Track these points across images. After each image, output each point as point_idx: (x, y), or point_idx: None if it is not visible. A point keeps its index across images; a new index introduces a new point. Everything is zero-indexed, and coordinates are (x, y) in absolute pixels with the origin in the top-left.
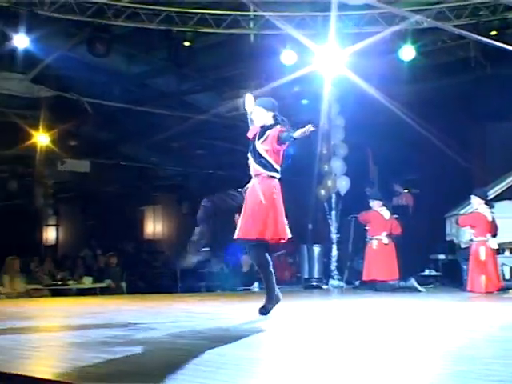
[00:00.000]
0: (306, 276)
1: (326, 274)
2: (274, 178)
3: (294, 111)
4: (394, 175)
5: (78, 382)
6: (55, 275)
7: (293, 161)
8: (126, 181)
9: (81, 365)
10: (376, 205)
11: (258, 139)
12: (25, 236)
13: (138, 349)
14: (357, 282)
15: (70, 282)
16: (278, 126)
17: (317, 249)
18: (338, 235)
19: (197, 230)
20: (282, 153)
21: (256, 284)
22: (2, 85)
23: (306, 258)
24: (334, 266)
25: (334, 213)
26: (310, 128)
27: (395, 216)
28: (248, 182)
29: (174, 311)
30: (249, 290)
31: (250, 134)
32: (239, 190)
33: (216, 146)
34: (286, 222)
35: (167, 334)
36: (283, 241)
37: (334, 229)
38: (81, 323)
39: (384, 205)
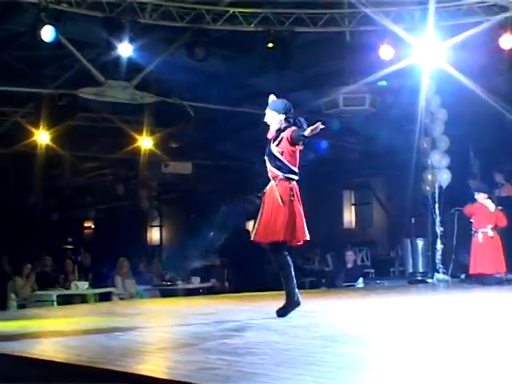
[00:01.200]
0: (411, 270)
1: (431, 268)
2: (292, 179)
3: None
4: (496, 166)
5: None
6: (164, 276)
7: (393, 155)
8: (226, 181)
9: (206, 366)
10: (481, 197)
11: (273, 142)
12: (132, 237)
13: (255, 349)
14: (462, 276)
15: (179, 283)
16: (292, 127)
17: (420, 242)
18: (442, 228)
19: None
20: (298, 154)
21: (361, 280)
22: (107, 92)
23: (409, 252)
24: (438, 259)
25: (437, 206)
26: (319, 125)
27: (500, 208)
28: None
29: None
30: (353, 286)
31: (268, 136)
32: (258, 194)
33: (316, 143)
34: (304, 223)
35: (282, 333)
36: (302, 243)
37: (438, 222)
38: (196, 323)
39: (489, 197)
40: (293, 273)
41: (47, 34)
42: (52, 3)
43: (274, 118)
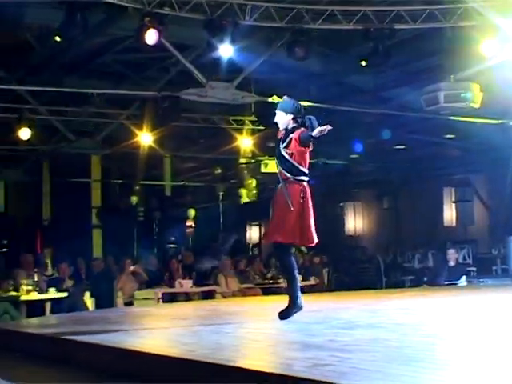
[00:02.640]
0: None
1: None
2: (302, 181)
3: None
4: None
5: (322, 379)
6: (265, 274)
7: (494, 152)
8: (327, 178)
9: (319, 363)
10: None
11: (282, 143)
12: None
13: (366, 347)
14: None
15: (281, 281)
16: (301, 129)
17: None
18: None
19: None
20: (308, 155)
21: (463, 278)
22: (209, 93)
23: None
24: None
25: None
26: (327, 127)
27: None
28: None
29: (389, 308)
30: (456, 284)
31: (278, 136)
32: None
33: (415, 140)
34: (313, 226)
35: (390, 331)
36: (311, 245)
37: None
38: (302, 321)
39: None
40: (297, 275)
41: (151, 37)
42: (155, 7)
43: (282, 119)
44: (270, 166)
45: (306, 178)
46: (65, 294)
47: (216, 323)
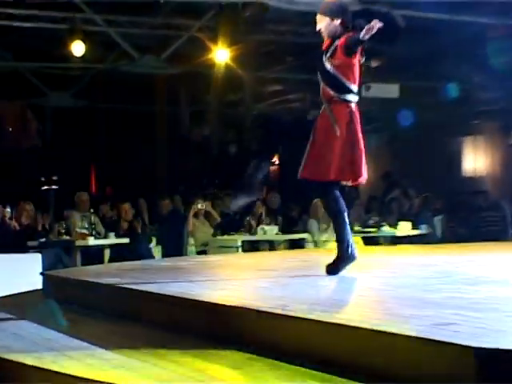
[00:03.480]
0: None
1: None
2: (350, 102)
3: None
4: None
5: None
6: (367, 220)
7: None
8: (441, 106)
9: (442, 322)
10: None
11: (326, 54)
12: None
13: (497, 305)
14: None
15: (384, 229)
16: (349, 33)
17: None
18: None
19: None
20: (357, 68)
21: None
22: None
23: None
24: None
25: None
26: (375, 24)
27: None
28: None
29: None
30: None
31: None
32: None
33: None
34: (363, 158)
35: None
36: (362, 181)
37: None
38: (416, 275)
39: None
40: (347, 220)
41: None
42: None
43: (327, 25)
44: (374, 89)
45: (355, 98)
46: (126, 240)
47: (309, 275)
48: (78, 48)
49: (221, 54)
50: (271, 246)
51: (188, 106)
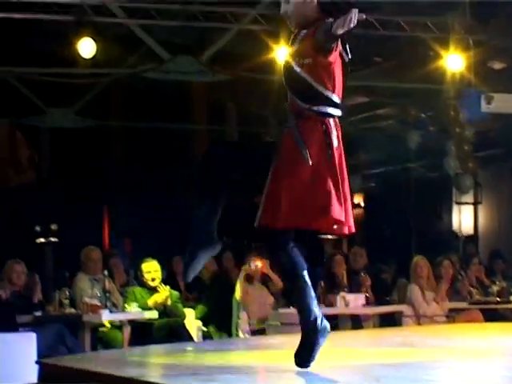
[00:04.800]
0: None
1: None
2: (327, 116)
3: None
4: None
5: None
6: (488, 287)
7: None
8: None
9: None
10: None
11: (291, 49)
12: (426, 221)
13: None
14: None
15: None
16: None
17: None
18: None
19: None
20: (337, 69)
21: None
22: None
23: None
24: None
25: None
26: (352, 13)
27: None
28: None
29: None
30: None
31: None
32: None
33: None
34: (347, 197)
35: None
36: (347, 232)
37: None
38: None
39: None
40: (308, 281)
41: None
42: None
43: (295, 5)
44: (496, 102)
45: (334, 111)
46: (154, 314)
47: (410, 366)
48: (86, 47)
49: (282, 53)
50: (356, 322)
51: (237, 125)
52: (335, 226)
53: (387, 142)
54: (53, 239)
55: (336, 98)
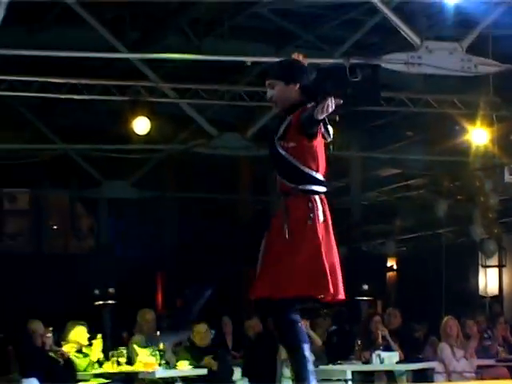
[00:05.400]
0: None
1: None
2: (313, 193)
3: None
4: None
5: None
6: None
7: None
8: None
9: None
10: None
11: (277, 133)
12: (455, 284)
13: None
14: None
15: None
16: (307, 106)
17: None
18: None
19: None
20: (320, 150)
21: None
22: (425, 59)
23: None
24: None
25: None
26: (329, 100)
27: None
28: None
29: None
30: None
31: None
32: None
33: None
34: (337, 266)
35: None
36: (334, 299)
37: None
38: None
39: None
40: (308, 355)
41: None
42: None
43: (280, 93)
44: None
45: (318, 188)
46: (203, 371)
47: None
48: (141, 125)
49: None
50: (391, 378)
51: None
52: (321, 296)
53: (418, 210)
54: (110, 301)
55: (320, 177)
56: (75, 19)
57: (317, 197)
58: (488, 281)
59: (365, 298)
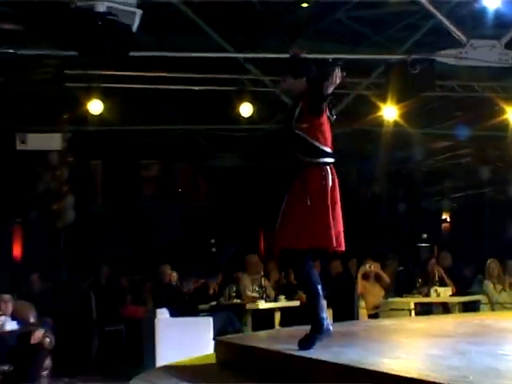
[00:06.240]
0: None
1: None
2: (325, 164)
3: None
4: None
5: None
6: None
7: None
8: None
9: None
10: None
11: (292, 117)
12: (499, 234)
13: None
14: None
15: None
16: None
17: None
18: None
19: None
20: (327, 127)
21: None
22: (470, 54)
23: None
24: None
25: None
26: (335, 74)
27: None
28: None
29: None
30: None
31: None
32: None
33: None
34: (340, 224)
35: None
36: (337, 250)
37: None
38: None
39: None
40: (320, 291)
41: None
42: None
43: (292, 86)
44: None
45: (329, 160)
46: (297, 303)
47: (487, 343)
48: (246, 109)
49: (389, 112)
50: (445, 308)
51: (356, 164)
52: (336, 247)
53: (466, 174)
54: (213, 249)
55: (329, 150)
56: (193, 27)
57: (328, 167)
58: None
59: (424, 244)
